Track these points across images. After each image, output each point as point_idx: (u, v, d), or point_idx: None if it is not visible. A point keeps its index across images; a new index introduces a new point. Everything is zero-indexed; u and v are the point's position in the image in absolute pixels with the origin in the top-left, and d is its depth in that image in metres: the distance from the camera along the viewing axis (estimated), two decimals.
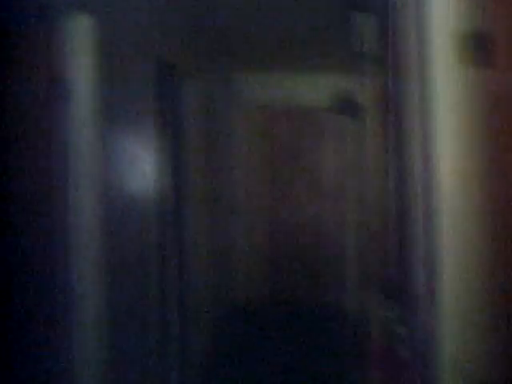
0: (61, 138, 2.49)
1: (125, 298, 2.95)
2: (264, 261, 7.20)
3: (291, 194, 7.21)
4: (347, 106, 5.36)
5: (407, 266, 2.33)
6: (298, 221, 7.21)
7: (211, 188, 5.13)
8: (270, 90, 7.04)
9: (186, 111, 4.59)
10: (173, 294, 4.17)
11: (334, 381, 4.72)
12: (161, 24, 3.80)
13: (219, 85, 5.80)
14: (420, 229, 2.05)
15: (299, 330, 6.07)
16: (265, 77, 7.01)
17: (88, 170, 2.56)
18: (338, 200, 7.12)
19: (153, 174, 3.45)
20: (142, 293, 3.25)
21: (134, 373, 3.08)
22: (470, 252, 1.59)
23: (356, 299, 6.45)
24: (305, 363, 5.12)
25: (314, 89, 6.92)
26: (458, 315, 1.64)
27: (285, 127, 7.16)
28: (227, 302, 6.17)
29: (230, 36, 5.44)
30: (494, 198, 1.57)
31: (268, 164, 7.18)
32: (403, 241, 2.51)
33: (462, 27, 1.51)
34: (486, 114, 1.51)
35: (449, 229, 1.60)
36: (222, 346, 5.45)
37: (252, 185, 7.11)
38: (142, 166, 3.24)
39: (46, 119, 2.47)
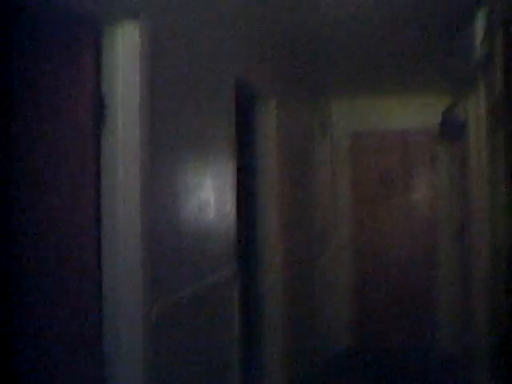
0: (97, 168, 2.07)
1: (187, 351, 2.48)
2: (351, 298, 6.59)
3: (386, 229, 6.58)
4: (447, 129, 4.75)
5: None
6: (391, 259, 6.56)
7: (293, 221, 4.64)
8: (361, 115, 6.50)
9: (265, 137, 4.13)
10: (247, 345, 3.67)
11: None
12: (241, 42, 3.38)
13: (306, 110, 5.32)
14: None
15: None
16: (356, 101, 6.48)
17: (138, 202, 2.12)
18: (438, 236, 6.42)
19: (226, 209, 3.00)
20: (210, 347, 2.77)
21: None
22: None
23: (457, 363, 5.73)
24: None
25: (409, 111, 6.32)
26: None
27: (378, 155, 6.57)
28: (315, 352, 5.60)
29: (317, 57, 4.98)
30: None
31: (360, 196, 6.60)
32: None
33: None
34: None
35: None
36: None
37: (341, 219, 6.55)
38: (207, 199, 2.79)
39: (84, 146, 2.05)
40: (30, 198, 2.01)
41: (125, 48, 2.10)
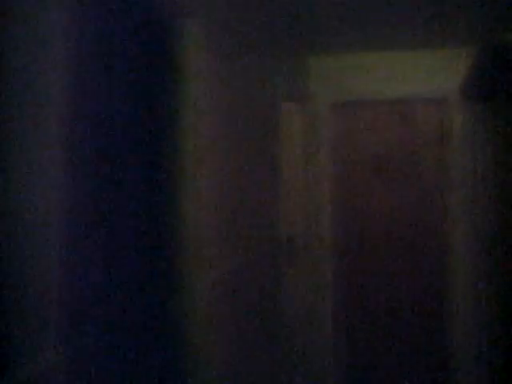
0: None
1: None
2: (330, 322, 5.03)
3: (377, 234, 5.02)
4: (488, 79, 3.23)
5: None
6: (383, 274, 5.00)
7: (242, 224, 3.03)
8: (346, 79, 4.94)
9: (192, 78, 2.52)
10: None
11: None
12: None
13: (269, 65, 3.70)
14: None
15: None
16: (341, 59, 4.93)
17: None
18: (451, 245, 4.88)
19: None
20: None
21: None
22: None
23: None
24: None
25: (413, 73, 4.79)
26: None
27: (368, 133, 5.01)
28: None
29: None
30: None
31: (342, 189, 5.04)
32: None
33: None
34: None
35: None
36: None
37: (317, 219, 4.98)
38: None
39: None
40: None
41: None
